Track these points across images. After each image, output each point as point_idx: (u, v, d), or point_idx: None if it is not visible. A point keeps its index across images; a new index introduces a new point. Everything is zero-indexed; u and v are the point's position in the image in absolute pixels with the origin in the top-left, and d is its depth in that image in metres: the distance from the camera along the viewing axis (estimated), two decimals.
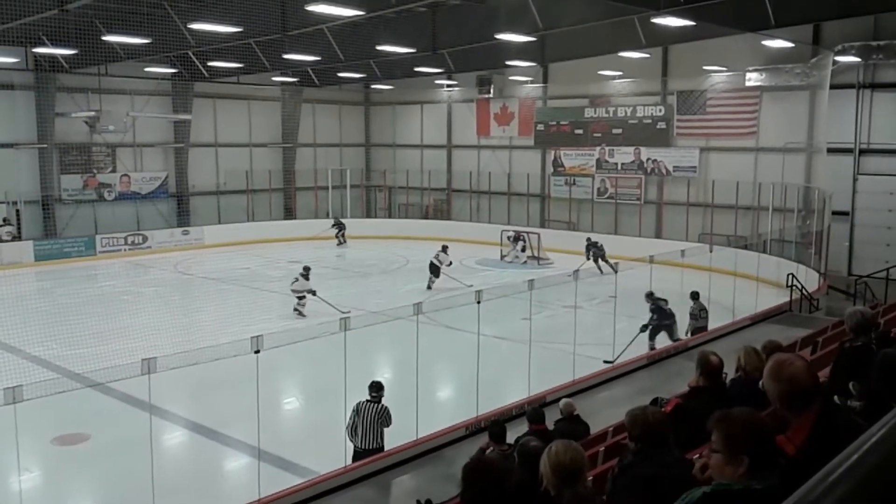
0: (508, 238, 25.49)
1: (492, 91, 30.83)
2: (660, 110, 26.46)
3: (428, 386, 11.25)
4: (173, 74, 28.22)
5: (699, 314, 13.92)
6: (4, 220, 24.76)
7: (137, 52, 22.85)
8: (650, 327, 13.41)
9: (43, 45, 22.91)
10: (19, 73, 25.33)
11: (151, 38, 20.90)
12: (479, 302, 9.81)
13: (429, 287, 20.18)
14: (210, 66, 26.42)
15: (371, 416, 8.25)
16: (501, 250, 25.62)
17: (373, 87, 34.39)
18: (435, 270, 20.42)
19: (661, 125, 26.38)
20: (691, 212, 25.93)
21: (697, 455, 4.61)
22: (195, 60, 25.54)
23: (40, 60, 25.20)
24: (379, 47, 22.37)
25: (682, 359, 11.85)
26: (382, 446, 8.27)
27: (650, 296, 13.63)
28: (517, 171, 31.18)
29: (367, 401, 8.36)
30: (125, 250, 26.11)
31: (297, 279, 18.10)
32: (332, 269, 24.00)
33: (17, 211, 25.18)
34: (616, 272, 14.56)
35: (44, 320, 16.30)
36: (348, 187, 32.61)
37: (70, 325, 16.52)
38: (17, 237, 24.62)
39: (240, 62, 25.54)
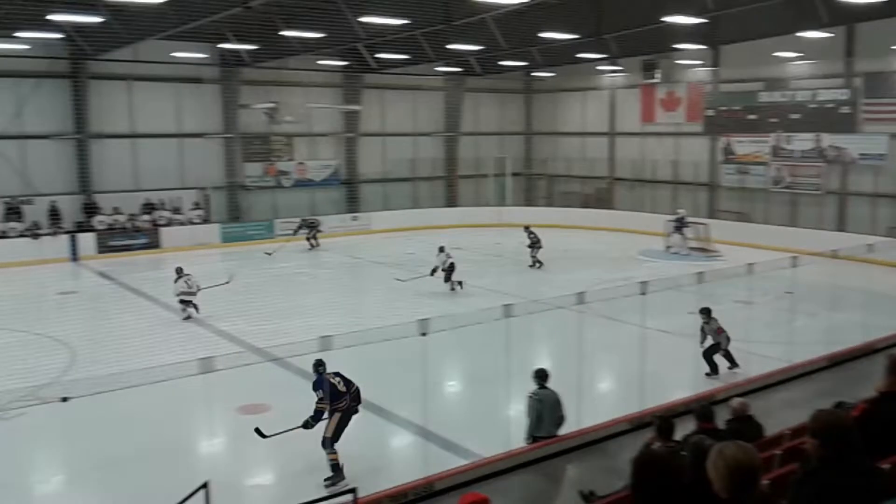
0: (673, 227, 24.61)
1: (658, 76, 29.81)
2: (844, 94, 24.50)
3: (590, 377, 11.16)
4: (344, 67, 29.47)
5: None
6: (196, 204, 26.99)
7: (312, 46, 24.10)
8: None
9: (228, 41, 24.66)
10: (208, 68, 27.40)
11: (325, 33, 21.96)
12: (643, 293, 9.59)
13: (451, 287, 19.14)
14: (378, 59, 27.36)
15: (552, 403, 8.31)
16: (666, 241, 24.81)
17: (534, 74, 34.25)
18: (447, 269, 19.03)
19: (846, 110, 24.44)
20: (879, 203, 23.92)
21: (889, 465, 4.31)
22: (364, 53, 26.55)
23: (226, 56, 27.12)
24: (541, 34, 22.26)
25: (866, 362, 11.01)
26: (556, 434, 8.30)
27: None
28: (684, 159, 30.00)
29: (542, 388, 8.39)
30: (301, 234, 27.66)
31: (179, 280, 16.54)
32: (492, 257, 24.26)
33: (207, 196, 27.37)
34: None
35: (229, 298, 17.62)
36: (509, 175, 32.75)
37: (252, 302, 17.83)
38: (207, 220, 26.75)
39: (406, 54, 26.28)
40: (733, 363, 12.06)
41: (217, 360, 7.25)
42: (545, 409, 8.25)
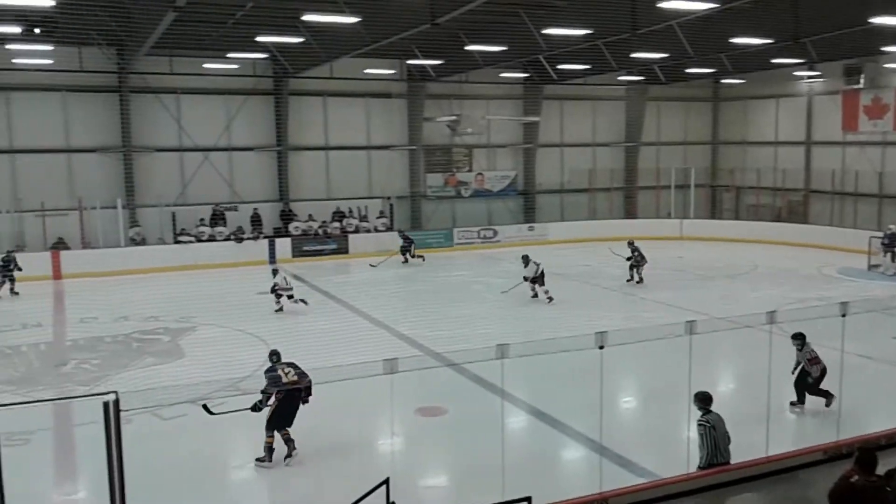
0: (883, 244, 22.53)
1: (862, 81, 27.59)
2: None
3: (780, 401, 10.52)
4: (525, 79, 29.74)
5: None
6: (381, 212, 28.29)
7: (494, 59, 24.56)
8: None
9: (415, 57, 25.66)
10: (396, 84, 28.69)
11: (507, 46, 22.29)
12: (843, 315, 8.89)
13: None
14: (559, 69, 27.35)
15: (722, 427, 7.96)
16: (870, 259, 22.79)
17: (722, 81, 32.79)
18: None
19: None
20: None
21: None
22: (545, 64, 26.64)
23: (412, 71, 28.26)
24: (732, 40, 21.29)
25: None
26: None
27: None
28: (891, 169, 27.51)
29: (708, 412, 8.06)
30: (477, 243, 28.21)
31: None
32: (672, 271, 23.44)
33: (391, 205, 28.61)
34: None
35: (410, 303, 18.28)
36: (692, 187, 31.54)
37: (430, 308, 18.40)
38: (390, 228, 27.93)
39: (587, 64, 26.07)
40: (826, 396, 10.66)
41: (400, 361, 7.54)
42: (719, 435, 7.90)
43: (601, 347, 7.75)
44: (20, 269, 20.20)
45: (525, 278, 19.01)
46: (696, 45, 22.02)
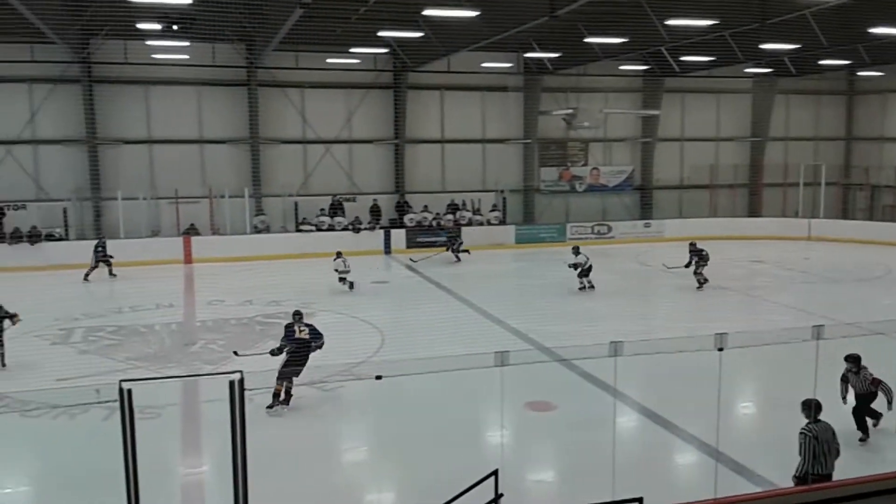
0: None
1: None
2: None
3: None
4: (644, 71, 29.03)
5: None
6: (494, 206, 28.38)
7: (614, 52, 24.10)
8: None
9: (532, 50, 25.54)
10: (512, 77, 28.65)
11: (628, 38, 21.82)
12: None
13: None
14: (681, 62, 26.54)
15: (828, 437, 7.57)
16: None
17: (859, 73, 30.89)
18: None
19: None
20: None
21: None
22: (667, 56, 25.92)
23: (529, 64, 28.13)
24: (871, 30, 20.02)
25: None
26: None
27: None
28: None
29: (816, 421, 7.68)
30: (591, 238, 27.79)
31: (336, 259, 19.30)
32: (798, 273, 22.36)
33: (504, 199, 28.64)
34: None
35: (521, 296, 18.26)
36: (823, 185, 29.87)
37: (541, 302, 18.34)
38: (503, 221, 27.96)
39: (712, 55, 25.18)
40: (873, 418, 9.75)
41: (511, 354, 7.57)
42: (820, 445, 7.54)
43: (720, 349, 7.53)
44: (111, 256, 21.17)
45: (574, 266, 19.33)
46: (830, 35, 20.88)
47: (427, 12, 17.96)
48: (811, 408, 7.80)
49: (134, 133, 25.42)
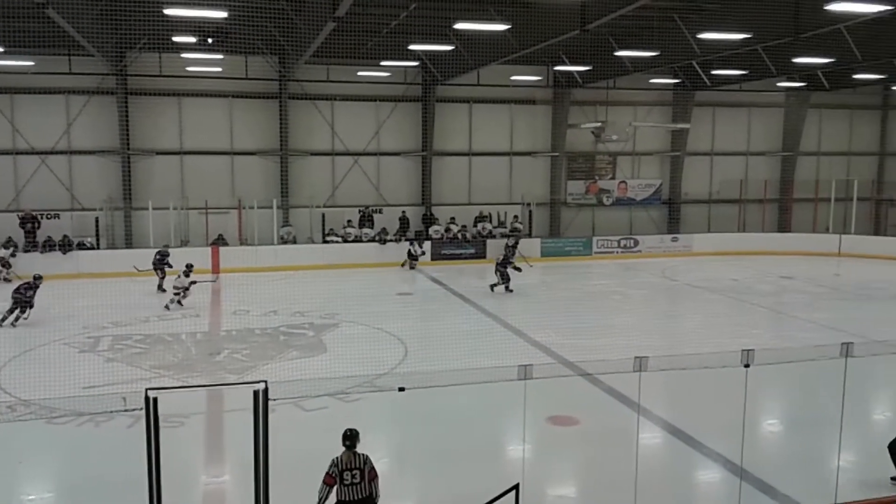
0: None
1: None
2: None
3: None
4: (675, 84, 28.88)
5: None
6: (516, 217, 28.33)
7: (644, 65, 24.00)
8: None
9: (562, 63, 25.53)
10: (541, 90, 28.65)
11: (659, 51, 21.73)
12: None
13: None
14: (712, 75, 26.37)
15: None
16: None
17: (893, 88, 30.42)
18: None
19: None
20: None
21: None
22: (698, 69, 25.77)
23: (558, 77, 28.12)
24: None
25: None
26: None
27: None
28: None
29: None
30: (617, 252, 27.64)
31: (179, 276, 18.74)
32: (828, 289, 22.02)
33: (530, 212, 28.57)
34: None
35: (545, 310, 18.17)
36: (855, 200, 29.40)
37: (566, 316, 18.24)
38: (529, 234, 27.88)
39: (743, 69, 24.99)
40: None
41: (534, 368, 7.54)
42: None
43: (747, 366, 7.45)
44: (170, 266, 21.25)
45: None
46: (865, 50, 20.62)
47: (458, 26, 18.05)
48: None
49: (166, 144, 25.81)
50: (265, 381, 6.51)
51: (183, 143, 26.01)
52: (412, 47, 22.36)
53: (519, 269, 21.39)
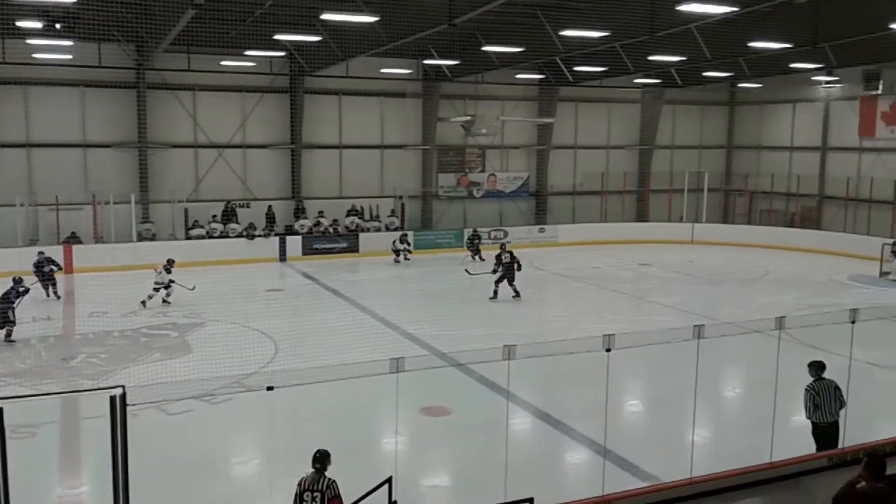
0: (893, 251, 22.40)
1: (880, 87, 27.40)
2: None
3: (786, 407, 10.43)
4: (540, 80, 29.70)
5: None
6: (392, 211, 28.33)
7: (511, 60, 24.52)
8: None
9: (431, 56, 25.68)
10: (411, 83, 28.72)
11: (524, 47, 22.26)
12: (853, 322, 8.84)
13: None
14: (575, 72, 27.30)
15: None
16: (881, 266, 22.63)
17: (739, 85, 32.62)
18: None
19: None
20: None
21: None
22: (562, 66, 26.61)
23: (428, 71, 28.28)
24: (751, 44, 21.17)
25: None
26: None
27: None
28: None
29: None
30: (487, 244, 28.13)
31: (160, 272, 18.48)
32: (682, 275, 23.37)
33: (403, 204, 28.63)
34: None
35: (418, 303, 18.26)
36: (705, 191, 31.34)
37: (438, 308, 18.42)
38: (401, 227, 27.93)
39: (603, 66, 26.00)
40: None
41: (406, 360, 7.55)
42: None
43: (608, 350, 7.74)
44: (59, 268, 19.64)
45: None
46: (713, 49, 21.93)
47: (325, 16, 17.76)
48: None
49: (12, 136, 23.96)
50: (122, 386, 6.19)
51: (30, 136, 24.23)
52: (278, 37, 21.80)
53: (469, 273, 21.22)
